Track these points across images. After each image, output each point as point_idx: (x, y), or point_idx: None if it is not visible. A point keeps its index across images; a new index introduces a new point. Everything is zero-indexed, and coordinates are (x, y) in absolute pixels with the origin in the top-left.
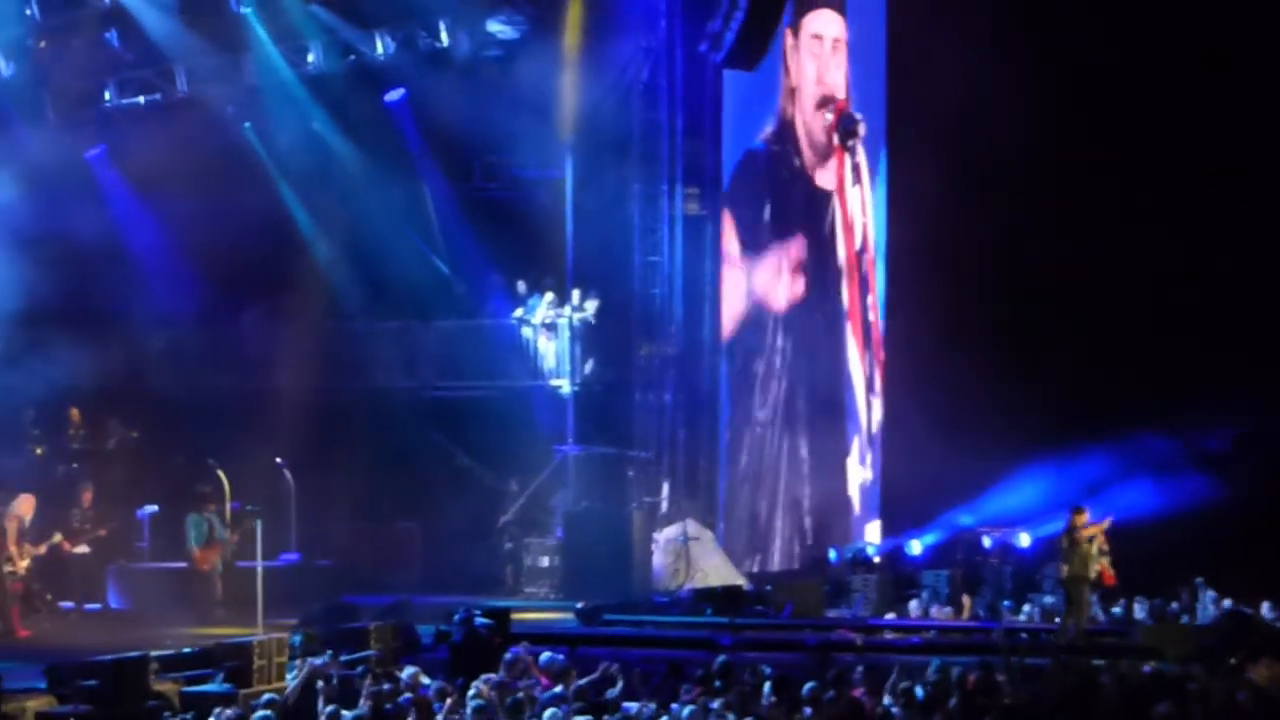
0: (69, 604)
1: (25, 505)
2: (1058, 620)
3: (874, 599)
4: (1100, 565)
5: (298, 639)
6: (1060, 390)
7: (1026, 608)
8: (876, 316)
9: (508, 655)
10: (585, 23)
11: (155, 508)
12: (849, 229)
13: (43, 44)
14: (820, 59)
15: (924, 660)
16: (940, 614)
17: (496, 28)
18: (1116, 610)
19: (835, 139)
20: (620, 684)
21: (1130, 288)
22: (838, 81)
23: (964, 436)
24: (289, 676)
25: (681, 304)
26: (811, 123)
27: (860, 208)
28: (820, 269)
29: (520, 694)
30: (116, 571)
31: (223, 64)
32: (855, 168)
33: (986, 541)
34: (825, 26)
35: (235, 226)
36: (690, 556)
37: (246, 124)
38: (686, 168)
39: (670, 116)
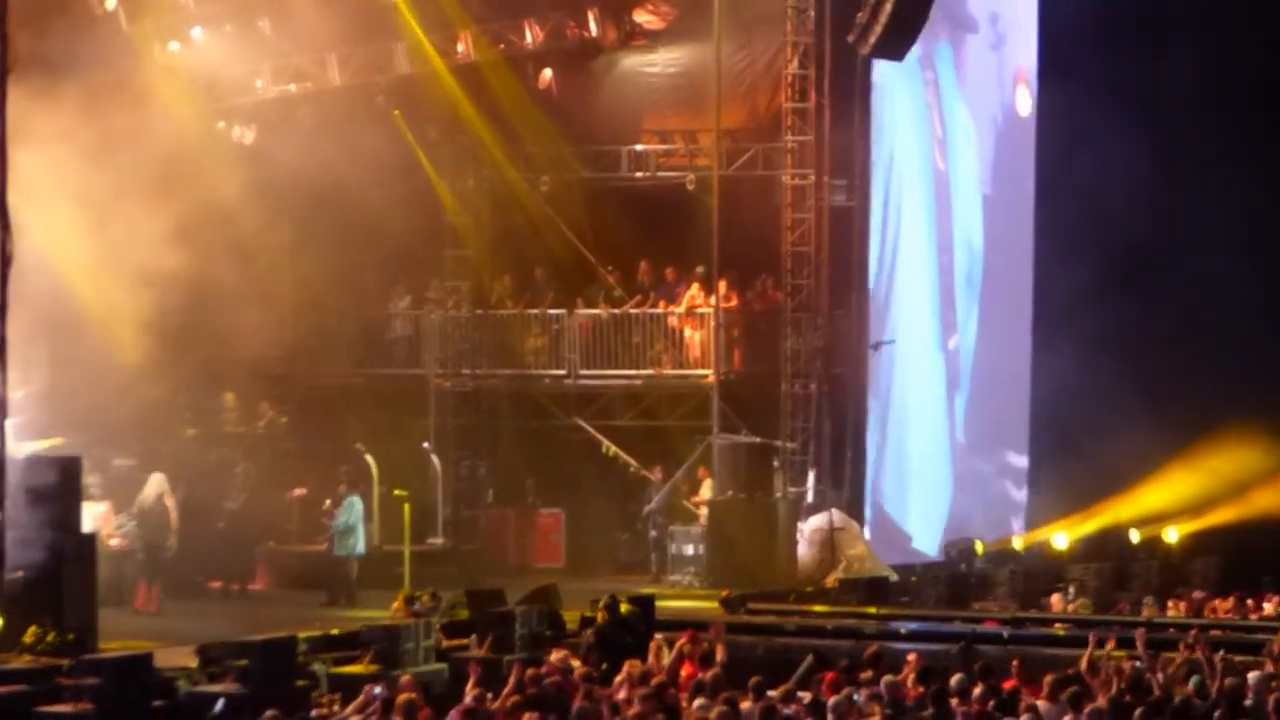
0: (217, 584)
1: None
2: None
3: (1019, 591)
4: None
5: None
6: (1215, 382)
7: (1172, 603)
8: None
9: None
10: (733, 13)
11: (304, 490)
12: None
13: (197, 30)
14: None
15: (1070, 654)
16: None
17: (644, 17)
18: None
19: None
20: None
21: None
22: None
23: (1115, 429)
24: None
25: (828, 295)
26: None
27: None
28: None
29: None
30: (265, 553)
31: (373, 53)
32: None
33: (1135, 536)
34: None
35: (384, 213)
36: (836, 546)
37: (396, 112)
38: (835, 158)
39: (818, 107)
